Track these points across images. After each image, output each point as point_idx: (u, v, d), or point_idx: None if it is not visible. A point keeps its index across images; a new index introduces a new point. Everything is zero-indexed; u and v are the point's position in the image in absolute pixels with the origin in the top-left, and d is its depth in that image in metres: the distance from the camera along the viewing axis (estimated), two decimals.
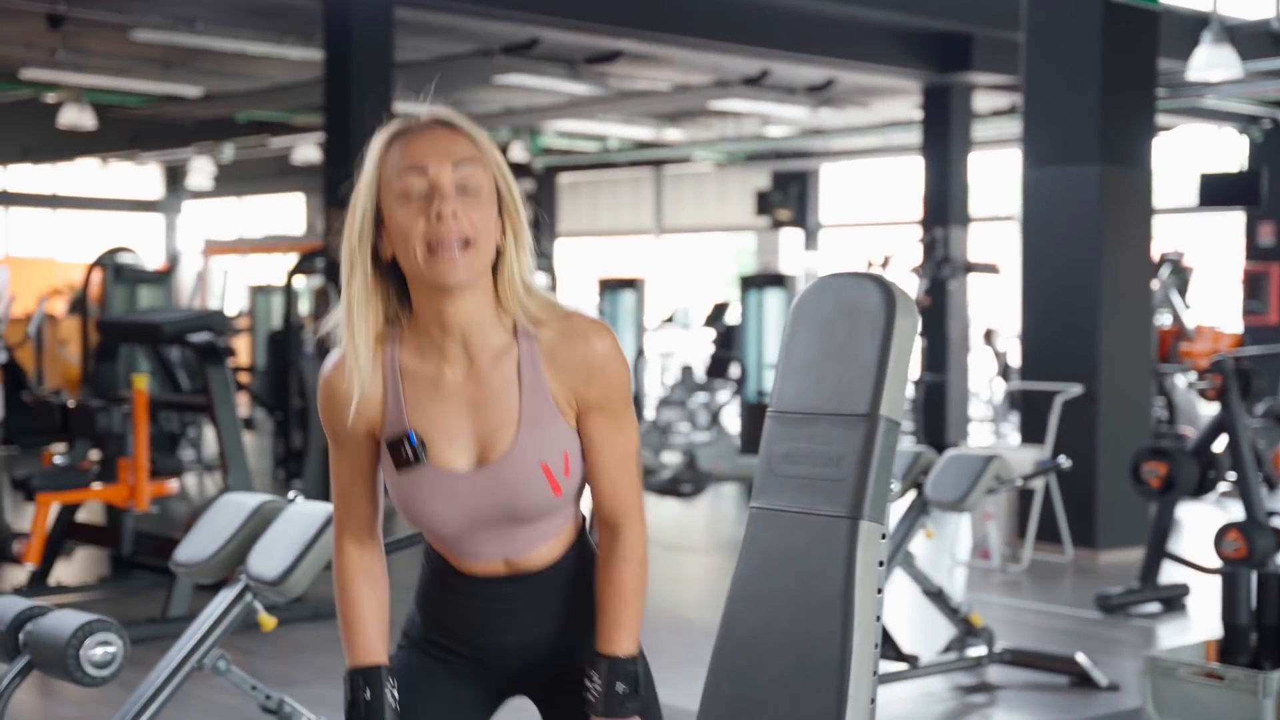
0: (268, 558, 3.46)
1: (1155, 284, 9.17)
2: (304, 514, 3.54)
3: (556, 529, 2.09)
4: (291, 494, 3.73)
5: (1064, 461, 6.14)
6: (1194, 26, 10.09)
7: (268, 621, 3.57)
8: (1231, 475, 6.38)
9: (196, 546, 3.63)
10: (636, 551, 2.09)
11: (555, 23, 9.90)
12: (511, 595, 2.09)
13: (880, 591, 2.31)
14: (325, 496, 7.39)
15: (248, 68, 12.89)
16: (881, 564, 2.32)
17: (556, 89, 12.89)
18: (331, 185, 9.63)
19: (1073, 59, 8.05)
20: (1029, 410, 8.22)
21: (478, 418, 2.01)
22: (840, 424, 2.33)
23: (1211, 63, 9.39)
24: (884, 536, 2.33)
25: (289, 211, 21.39)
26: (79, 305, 13.00)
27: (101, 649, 3.03)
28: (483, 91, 14.00)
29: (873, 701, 2.30)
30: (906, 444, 8.55)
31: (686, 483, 8.45)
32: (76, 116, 13.00)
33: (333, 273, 9.65)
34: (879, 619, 2.31)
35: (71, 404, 7.02)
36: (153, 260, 14.70)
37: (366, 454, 2.06)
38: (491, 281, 1.99)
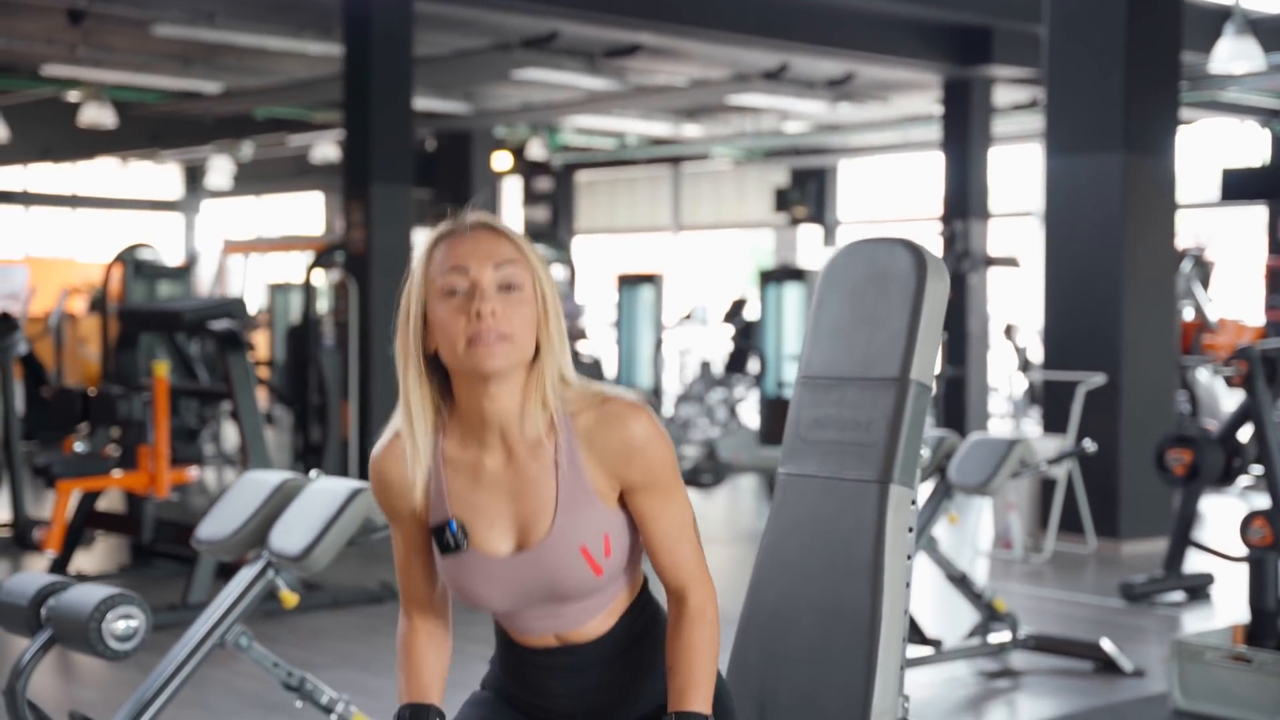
0: (290, 534, 3.45)
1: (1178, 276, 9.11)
2: (326, 490, 3.52)
3: (605, 603, 2.14)
4: (313, 472, 3.72)
5: (1089, 445, 6.09)
6: (1216, 20, 10.04)
7: (290, 598, 3.56)
8: (1257, 464, 6.32)
9: (219, 524, 3.62)
10: (706, 612, 2.14)
11: (574, 15, 9.90)
12: (568, 665, 2.14)
13: (910, 558, 2.28)
14: None
15: (267, 63, 12.92)
16: (911, 529, 2.29)
17: (575, 84, 12.88)
18: (350, 182, 9.63)
19: (1095, 48, 8.00)
20: (1051, 400, 8.17)
21: (517, 504, 2.08)
22: (870, 388, 2.31)
23: (1234, 55, 9.33)
24: (914, 502, 2.31)
25: (307, 210, 21.42)
26: (98, 304, 13.02)
27: (124, 622, 3.03)
28: (501, 87, 14.00)
29: (902, 667, 2.27)
30: (929, 429, 8.51)
31: (706, 473, 8.42)
32: (97, 114, 13.03)
33: (351, 267, 9.64)
34: (909, 585, 2.28)
35: (92, 392, 7.02)
36: (172, 259, 14.70)
37: (417, 533, 2.15)
38: (529, 375, 2.06)
